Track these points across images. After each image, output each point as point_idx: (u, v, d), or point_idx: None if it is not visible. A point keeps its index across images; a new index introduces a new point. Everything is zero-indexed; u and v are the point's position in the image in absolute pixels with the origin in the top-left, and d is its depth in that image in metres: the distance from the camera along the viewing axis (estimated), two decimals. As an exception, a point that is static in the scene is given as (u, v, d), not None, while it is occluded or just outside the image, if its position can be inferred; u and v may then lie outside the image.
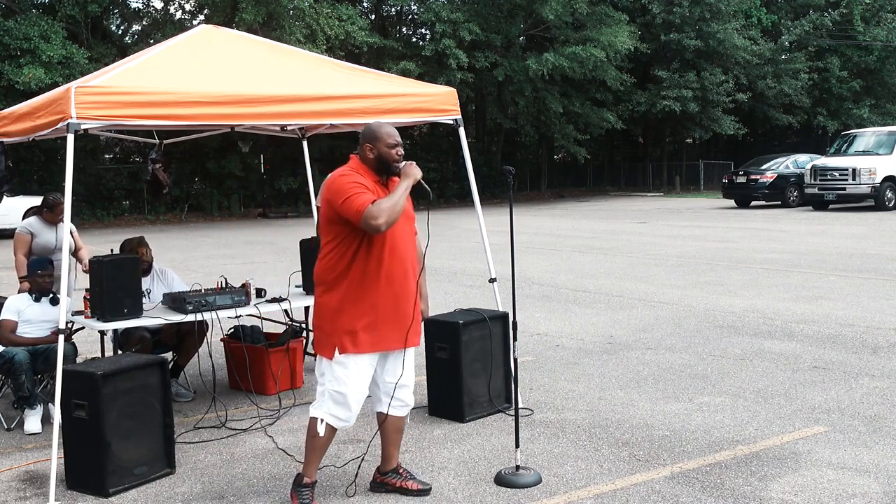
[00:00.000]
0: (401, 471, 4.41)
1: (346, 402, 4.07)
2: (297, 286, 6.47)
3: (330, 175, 4.12)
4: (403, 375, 4.23)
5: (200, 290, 5.82)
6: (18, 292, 6.25)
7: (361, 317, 4.04)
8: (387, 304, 4.06)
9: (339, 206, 3.94)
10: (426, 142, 35.35)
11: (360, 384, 4.10)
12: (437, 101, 5.90)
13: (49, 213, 6.67)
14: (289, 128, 7.23)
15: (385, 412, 4.29)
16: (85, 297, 5.50)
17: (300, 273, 6.44)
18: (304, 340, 6.87)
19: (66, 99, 4.61)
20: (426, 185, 4.14)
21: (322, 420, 4.10)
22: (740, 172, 26.90)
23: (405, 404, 4.31)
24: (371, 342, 4.07)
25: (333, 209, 3.98)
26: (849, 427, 5.17)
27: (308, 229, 9.47)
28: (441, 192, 33.65)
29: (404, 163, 4.09)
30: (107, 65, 9.60)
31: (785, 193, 25.51)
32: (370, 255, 4.01)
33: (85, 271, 5.50)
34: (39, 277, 6.02)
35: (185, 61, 5.49)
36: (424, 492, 4.34)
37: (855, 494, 4.16)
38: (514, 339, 4.63)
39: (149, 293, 6.18)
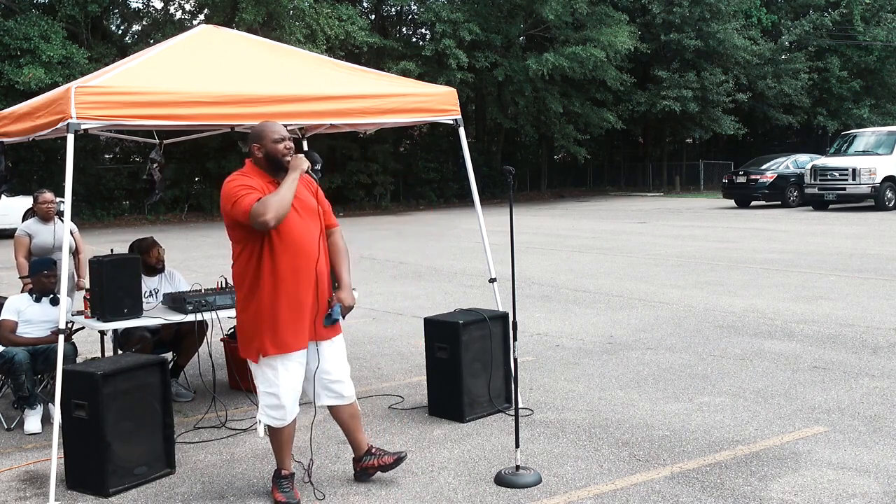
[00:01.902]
0: (373, 450, 4.46)
1: (280, 403, 4.14)
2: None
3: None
4: (333, 370, 4.24)
5: (200, 290, 5.82)
6: (21, 293, 6.27)
7: (278, 316, 4.07)
8: (299, 300, 4.08)
9: (231, 212, 4.00)
10: (426, 142, 35.35)
11: (291, 382, 4.15)
12: (437, 101, 5.90)
13: (36, 205, 6.71)
14: (289, 128, 7.21)
15: (326, 405, 4.32)
16: (85, 297, 5.50)
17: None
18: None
19: (66, 99, 4.61)
20: (314, 175, 4.11)
21: (260, 421, 4.22)
22: (740, 172, 26.89)
23: (340, 395, 4.30)
24: (291, 342, 4.10)
25: (229, 216, 4.04)
26: (849, 427, 5.17)
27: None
28: (441, 192, 33.66)
29: (293, 156, 4.10)
30: (107, 65, 9.59)
31: (785, 193, 25.51)
32: (275, 253, 4.04)
33: (81, 287, 5.47)
34: (45, 278, 6.01)
35: (185, 61, 5.48)
36: (400, 459, 4.41)
37: (855, 494, 4.16)
38: (514, 339, 4.64)
39: (156, 293, 6.21)
